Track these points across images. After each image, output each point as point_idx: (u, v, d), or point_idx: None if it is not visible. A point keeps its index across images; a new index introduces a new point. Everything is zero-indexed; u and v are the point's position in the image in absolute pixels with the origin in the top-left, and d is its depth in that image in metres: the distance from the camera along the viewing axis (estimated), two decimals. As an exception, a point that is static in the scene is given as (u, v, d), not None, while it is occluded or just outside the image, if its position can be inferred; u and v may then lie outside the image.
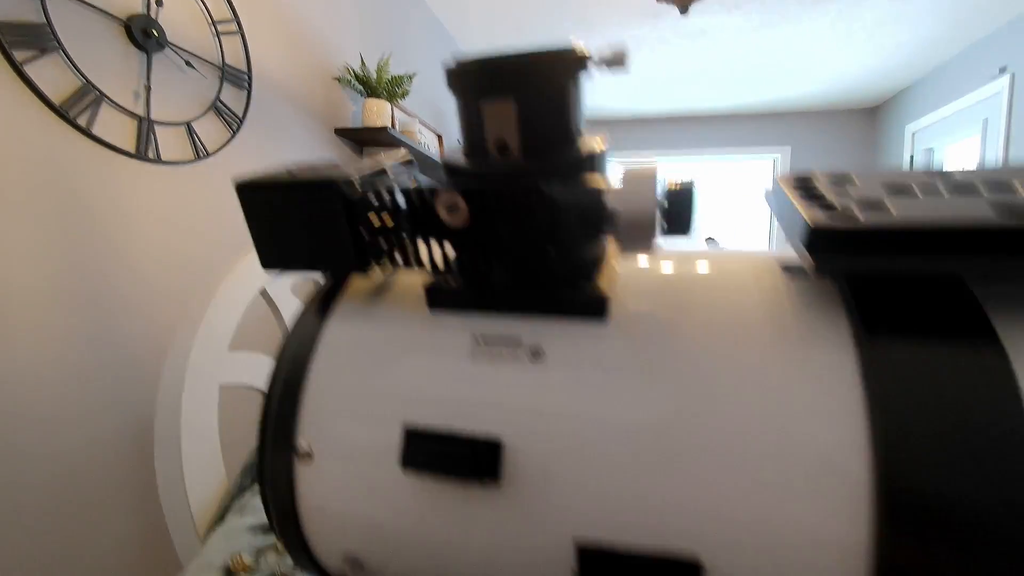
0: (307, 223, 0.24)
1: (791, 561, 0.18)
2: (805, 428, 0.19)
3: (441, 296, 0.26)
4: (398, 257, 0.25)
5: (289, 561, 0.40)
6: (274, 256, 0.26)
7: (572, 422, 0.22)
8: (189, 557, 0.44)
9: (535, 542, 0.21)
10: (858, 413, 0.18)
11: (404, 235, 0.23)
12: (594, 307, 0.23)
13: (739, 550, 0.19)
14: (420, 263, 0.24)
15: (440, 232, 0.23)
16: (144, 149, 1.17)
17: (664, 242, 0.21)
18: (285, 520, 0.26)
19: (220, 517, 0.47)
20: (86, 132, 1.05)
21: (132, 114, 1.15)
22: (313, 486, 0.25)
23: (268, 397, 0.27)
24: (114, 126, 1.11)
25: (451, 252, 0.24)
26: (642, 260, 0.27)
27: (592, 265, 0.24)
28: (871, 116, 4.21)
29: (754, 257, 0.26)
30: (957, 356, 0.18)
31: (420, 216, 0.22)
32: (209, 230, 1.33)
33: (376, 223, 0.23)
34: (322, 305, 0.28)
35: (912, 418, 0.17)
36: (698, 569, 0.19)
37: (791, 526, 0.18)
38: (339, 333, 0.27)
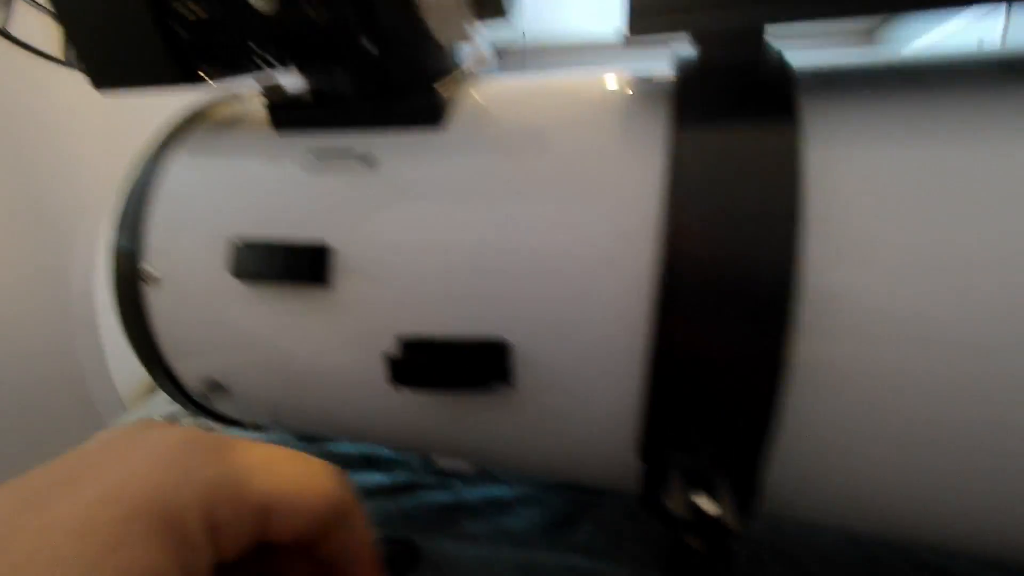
0: (117, 21, 0.22)
1: (582, 333, 0.19)
2: (606, 221, 0.19)
3: (283, 116, 0.25)
4: (232, 65, 0.23)
5: (203, 421, 0.41)
6: (101, 70, 0.24)
7: (398, 226, 0.21)
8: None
9: (362, 339, 0.22)
10: (655, 199, 0.18)
11: (224, 33, 0.22)
12: (428, 115, 0.22)
13: (539, 329, 0.19)
14: (250, 67, 0.23)
15: (255, 24, 0.21)
16: (73, 55, 1.09)
17: (482, 28, 0.20)
18: (144, 347, 0.26)
19: (150, 391, 0.49)
20: (3, 33, 0.96)
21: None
22: (165, 309, 0.25)
23: (114, 230, 0.26)
24: (35, 28, 1.02)
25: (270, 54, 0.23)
26: (504, 79, 0.26)
27: (431, 73, 0.23)
28: (867, 40, 4.02)
29: (618, 73, 0.24)
30: (751, 141, 0.17)
31: (231, 5, 0.21)
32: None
33: (189, 16, 0.21)
34: (170, 138, 0.27)
35: (697, 200, 0.17)
36: (504, 347, 0.20)
37: (583, 306, 0.19)
38: (184, 162, 0.26)
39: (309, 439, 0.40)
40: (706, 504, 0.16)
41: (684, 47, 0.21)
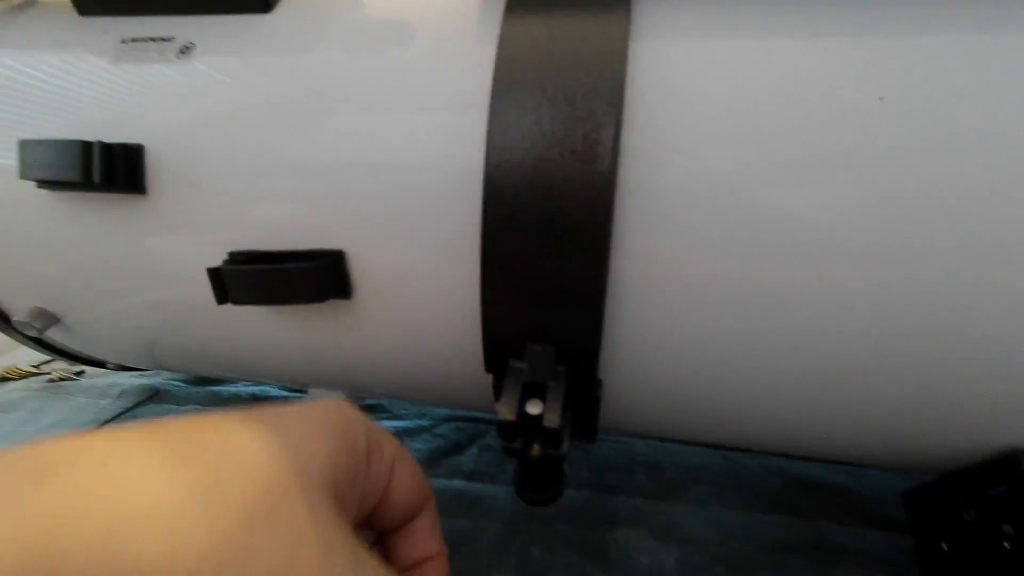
0: None
1: (420, 241, 0.18)
2: (441, 120, 0.17)
3: (88, -4, 0.21)
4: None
5: (74, 367, 0.38)
6: None
7: (220, 118, 0.19)
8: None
9: (189, 254, 0.20)
10: (486, 95, 0.16)
11: None
12: (255, -4, 0.19)
13: (378, 239, 0.18)
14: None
15: None
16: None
17: None
18: (-47, 275, 0.23)
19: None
20: None
21: None
22: (-33, 230, 0.22)
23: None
24: None
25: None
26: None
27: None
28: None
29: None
30: (575, 31, 0.16)
31: None
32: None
33: None
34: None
35: (516, 94, 0.15)
36: (339, 256, 0.18)
37: (420, 212, 0.17)
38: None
39: (200, 382, 0.38)
40: (531, 407, 0.16)
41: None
